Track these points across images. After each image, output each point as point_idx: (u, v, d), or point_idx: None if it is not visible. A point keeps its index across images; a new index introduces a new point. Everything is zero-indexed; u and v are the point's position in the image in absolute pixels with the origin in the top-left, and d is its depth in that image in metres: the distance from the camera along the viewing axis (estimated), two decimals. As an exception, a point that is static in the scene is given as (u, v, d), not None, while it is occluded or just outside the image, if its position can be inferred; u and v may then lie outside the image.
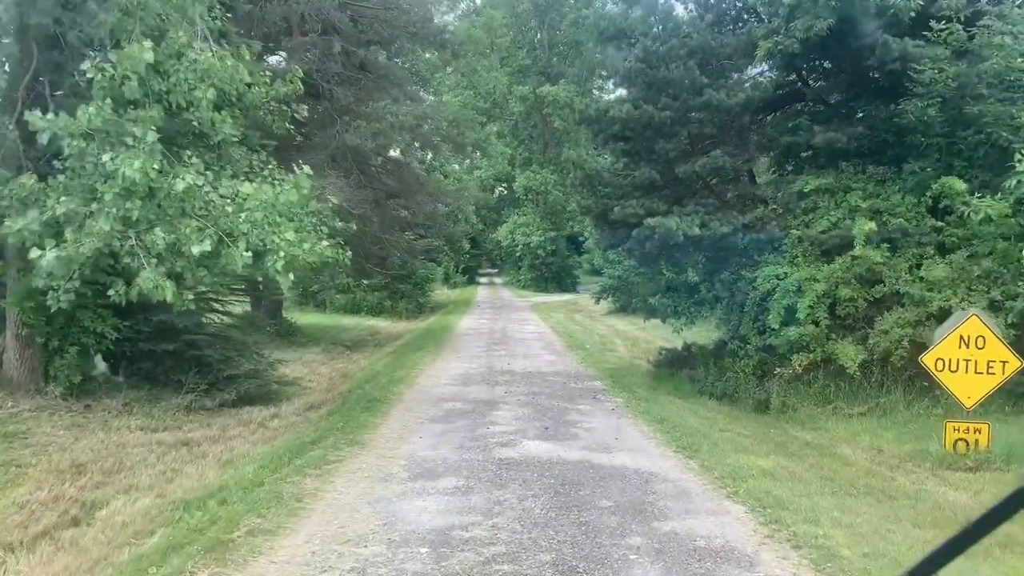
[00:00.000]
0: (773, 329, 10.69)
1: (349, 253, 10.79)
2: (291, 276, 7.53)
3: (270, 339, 18.29)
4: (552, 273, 55.56)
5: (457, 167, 53.26)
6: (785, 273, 10.96)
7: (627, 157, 12.38)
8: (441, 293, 47.64)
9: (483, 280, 71.16)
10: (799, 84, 13.09)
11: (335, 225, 10.57)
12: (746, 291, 11.41)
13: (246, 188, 7.74)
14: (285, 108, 11.43)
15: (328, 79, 17.15)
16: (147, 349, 10.55)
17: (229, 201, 7.72)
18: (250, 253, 7.26)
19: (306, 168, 8.02)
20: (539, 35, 56.31)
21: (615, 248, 14.93)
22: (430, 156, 25.41)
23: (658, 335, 22.34)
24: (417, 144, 18.05)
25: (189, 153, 7.82)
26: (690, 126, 11.92)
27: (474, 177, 59.45)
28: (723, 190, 13.08)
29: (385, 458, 7.83)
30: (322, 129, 18.06)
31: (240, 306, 19.25)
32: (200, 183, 7.39)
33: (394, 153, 29.34)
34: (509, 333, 21.93)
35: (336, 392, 12.48)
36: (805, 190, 11.23)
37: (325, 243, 8.06)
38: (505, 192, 62.82)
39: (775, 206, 11.78)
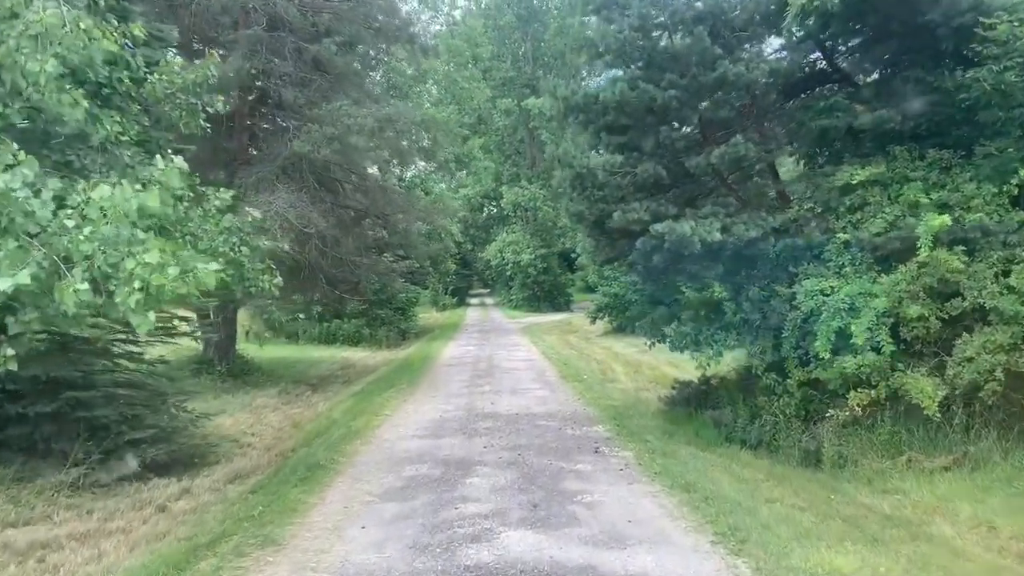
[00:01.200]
0: (821, 359, 8.39)
1: (278, 280, 8.46)
2: (152, 316, 5.17)
3: (220, 380, 15.93)
4: (544, 292, 53.30)
5: (444, 186, 51.20)
6: (832, 287, 8.68)
7: (624, 152, 10.11)
8: (429, 316, 45.33)
9: (474, 301, 68.84)
10: (825, 62, 10.90)
11: (259, 244, 8.27)
12: (782, 311, 9.11)
13: (99, 192, 5.44)
14: (198, 103, 9.12)
15: (277, 79, 14.91)
16: (16, 412, 8.16)
17: (73, 212, 5.43)
18: (86, 285, 4.91)
19: (178, 160, 5.69)
20: (523, 48, 54.43)
21: (613, 262, 12.62)
22: (402, 170, 23.26)
23: (663, 359, 20.00)
24: (384, 152, 15.76)
25: (16, 148, 5.52)
26: (701, 109, 9.68)
27: (460, 195, 57.44)
28: (741, 188, 10.83)
29: (305, 570, 5.48)
30: (274, 137, 15.81)
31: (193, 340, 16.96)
32: (16, 186, 5.09)
33: (372, 171, 27.24)
34: (496, 362, 19.57)
35: (276, 452, 10.11)
36: (852, 183, 8.97)
37: (215, 265, 5.75)
38: (494, 211, 60.76)
39: (812, 204, 9.51)
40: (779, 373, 9.26)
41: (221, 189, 8.29)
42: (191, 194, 7.32)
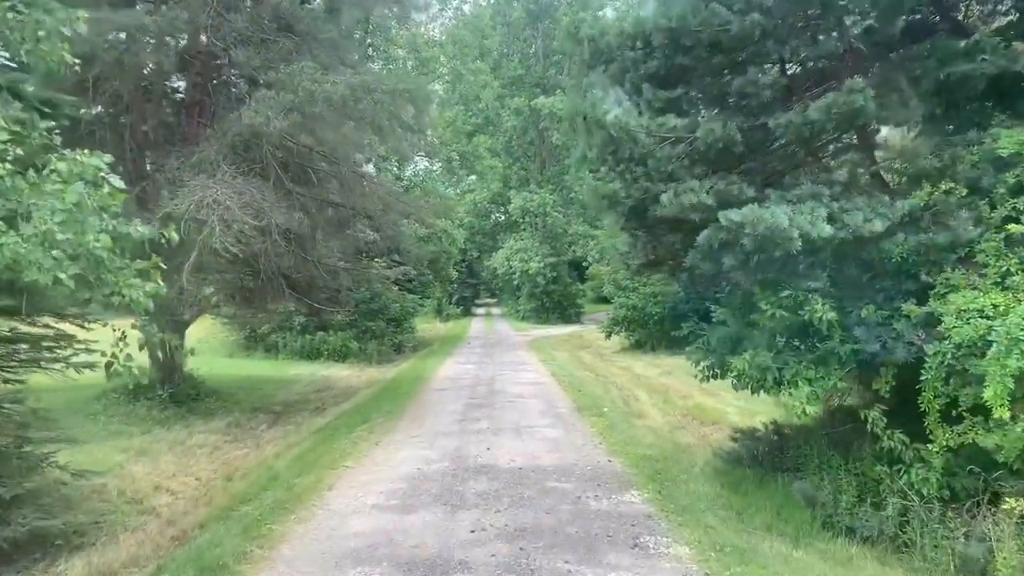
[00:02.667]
0: (992, 419, 5.40)
1: (160, 287, 5.55)
2: None
3: (159, 409, 12.99)
4: (553, 303, 50.36)
5: (450, 190, 48.40)
6: (995, 305, 5.70)
7: (676, 110, 7.17)
8: (430, 328, 42.48)
9: (479, 311, 66.04)
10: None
11: (131, 231, 5.35)
12: (911, 338, 6.13)
13: None
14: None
15: (226, 39, 12.04)
16: None
17: None
18: None
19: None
20: (533, 46, 51.62)
21: (657, 268, 9.57)
22: (400, 167, 20.40)
23: (694, 385, 16.96)
24: (360, 133, 12.79)
25: None
26: (793, 46, 6.72)
27: (466, 200, 54.67)
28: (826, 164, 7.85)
29: None
30: (227, 111, 12.91)
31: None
32: None
33: (368, 166, 24.53)
34: (499, 386, 16.57)
35: (177, 529, 7.15)
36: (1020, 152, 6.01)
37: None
38: (502, 217, 57.94)
39: (951, 185, 6.50)
40: (909, 431, 6.24)
41: (86, 152, 5.49)
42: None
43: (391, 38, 28.68)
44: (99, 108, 12.98)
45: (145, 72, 12.23)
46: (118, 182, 5.38)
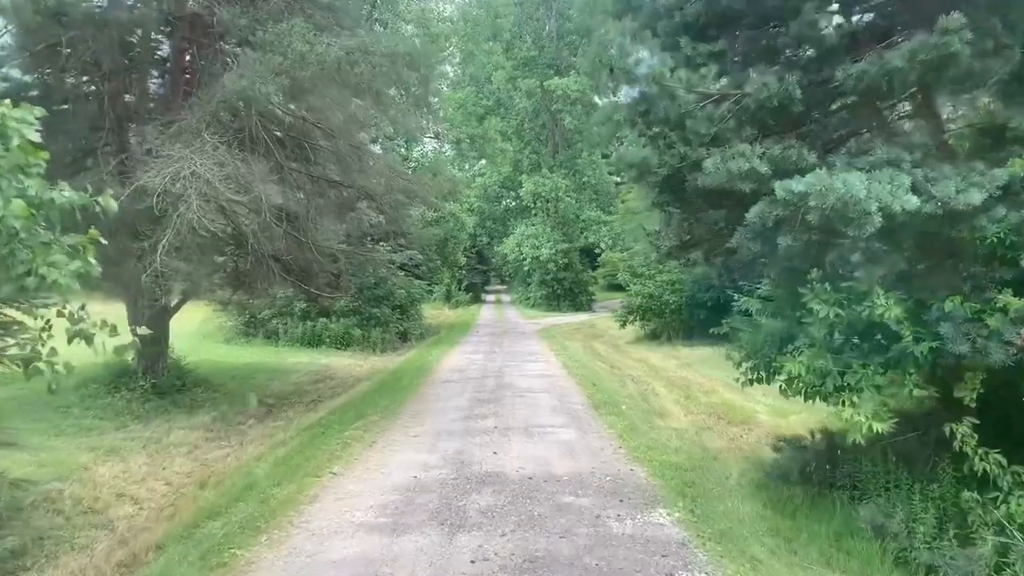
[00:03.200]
0: None
1: (92, 267, 4.51)
2: None
3: (140, 401, 12.02)
4: (564, 290, 49.28)
5: (459, 173, 47.24)
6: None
7: (718, 65, 6.02)
8: (439, 315, 41.48)
9: (489, 298, 65.00)
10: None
11: (54, 197, 4.29)
12: (1011, 338, 5.01)
13: None
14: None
15: (213, -5, 10.95)
16: None
17: None
18: None
19: None
20: (547, 26, 50.19)
21: (692, 250, 8.40)
22: (408, 147, 19.29)
23: (717, 379, 15.90)
24: (359, 101, 11.68)
25: None
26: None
27: (477, 184, 53.51)
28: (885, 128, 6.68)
29: None
30: (212, 77, 11.81)
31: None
32: None
33: (376, 148, 23.53)
34: (508, 378, 15.50)
35: (128, 553, 6.11)
36: None
37: None
38: (512, 203, 56.79)
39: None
40: (1008, 453, 5.13)
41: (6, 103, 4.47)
42: None
43: (399, 12, 27.45)
44: (75, 76, 11.97)
45: (127, 37, 11.17)
46: (33, 135, 4.32)
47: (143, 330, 5.43)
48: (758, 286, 17.62)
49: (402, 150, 29.85)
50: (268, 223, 11.21)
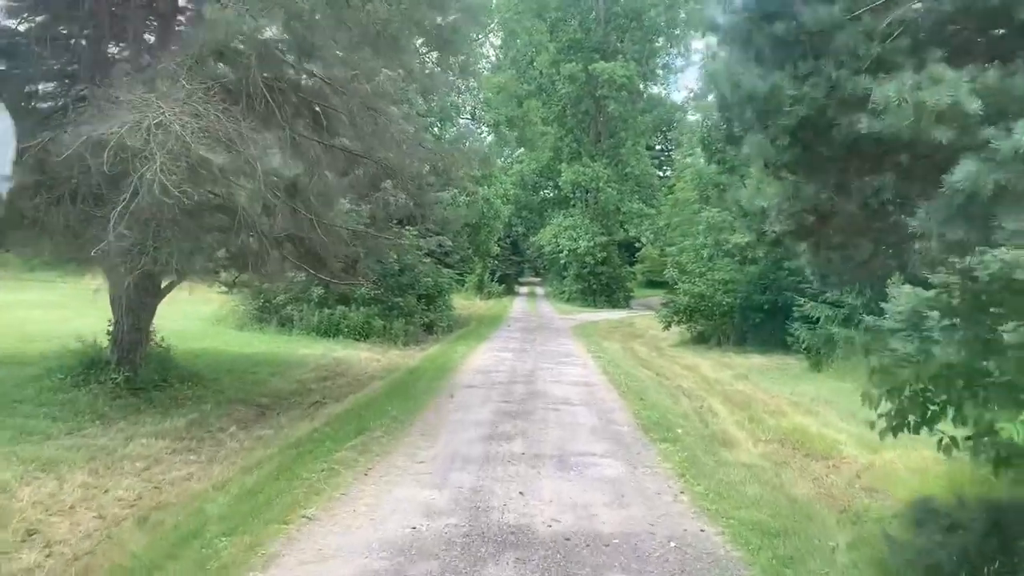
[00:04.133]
0: None
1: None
2: None
3: (111, 397, 10.26)
4: (601, 285, 47.21)
5: (497, 158, 45.23)
6: None
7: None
8: (470, 305, 39.67)
9: (523, 290, 63.13)
10: None
11: None
12: None
13: None
14: None
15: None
16: None
17: None
18: None
19: None
20: (594, 11, 47.84)
21: (815, 239, 6.22)
22: (429, 105, 17.34)
23: (781, 395, 13.77)
24: (367, 51, 9.73)
25: None
26: None
27: (514, 171, 51.52)
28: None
29: None
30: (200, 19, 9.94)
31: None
32: None
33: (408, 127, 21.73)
34: (539, 385, 13.52)
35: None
36: None
37: None
38: (550, 193, 54.69)
39: None
40: None
41: None
42: None
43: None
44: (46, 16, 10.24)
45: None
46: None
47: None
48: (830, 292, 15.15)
49: (435, 129, 27.92)
50: (261, 193, 9.33)
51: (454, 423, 9.94)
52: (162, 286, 12.38)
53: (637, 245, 52.26)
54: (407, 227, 22.56)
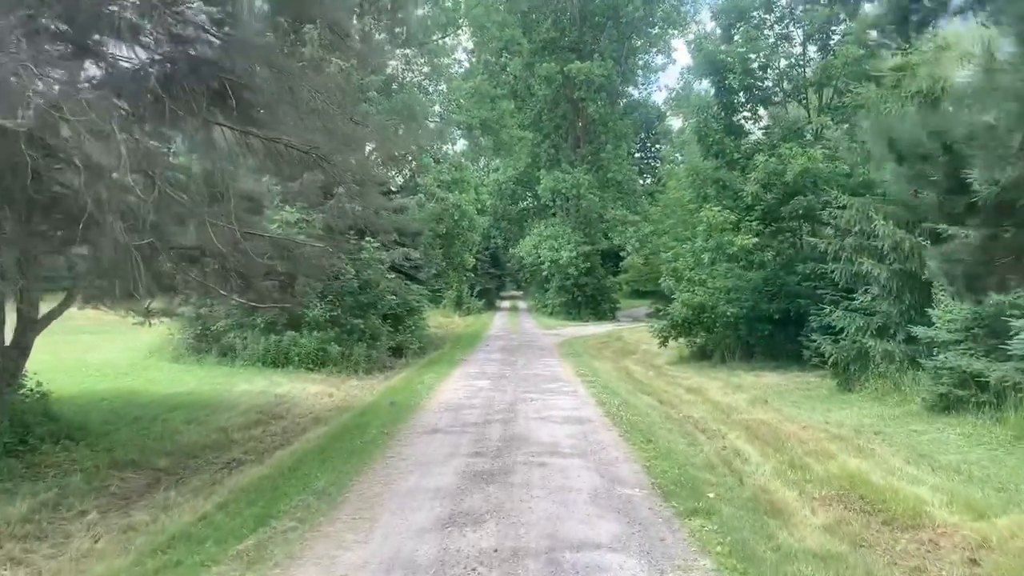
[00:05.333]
0: None
1: None
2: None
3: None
4: (586, 297, 44.73)
5: (470, 164, 42.63)
6: None
7: None
8: (447, 322, 37.09)
9: (504, 305, 60.60)
10: None
11: None
12: None
13: None
14: None
15: None
16: None
17: None
18: None
19: None
20: (569, 11, 45.56)
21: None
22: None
23: (812, 424, 11.24)
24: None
25: None
26: None
27: (490, 181, 49.07)
28: None
29: None
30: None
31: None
32: None
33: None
34: (520, 425, 10.87)
35: None
36: None
37: None
38: (530, 203, 52.24)
39: None
40: None
41: None
42: None
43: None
44: None
45: None
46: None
47: None
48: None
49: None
50: (120, 185, 6.67)
51: (403, 495, 7.25)
52: (38, 316, 9.72)
53: (622, 254, 49.92)
54: (367, 238, 19.98)
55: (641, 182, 53.98)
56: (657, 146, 67.04)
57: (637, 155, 62.20)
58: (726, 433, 10.88)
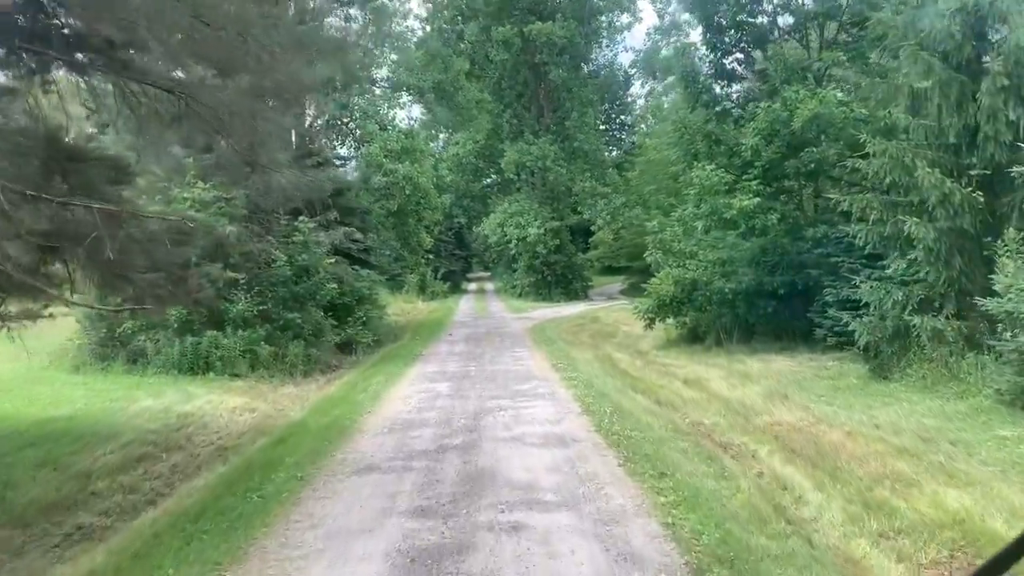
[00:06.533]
0: None
1: None
2: None
3: None
4: (556, 276, 42.03)
5: (422, 134, 39.49)
6: None
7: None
8: (410, 308, 34.20)
9: (471, 287, 57.82)
10: None
11: None
12: None
13: None
14: None
15: None
16: None
17: None
18: None
19: None
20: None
21: None
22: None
23: (854, 425, 8.71)
24: None
25: None
26: None
27: (450, 155, 46.12)
28: None
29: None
30: None
31: None
32: None
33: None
34: (485, 454, 8.13)
35: None
36: None
37: None
38: (494, 179, 49.38)
39: None
40: None
41: None
42: None
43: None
44: None
45: None
46: None
47: None
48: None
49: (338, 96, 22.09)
50: None
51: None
52: None
53: (593, 229, 47.36)
54: (300, 217, 17.07)
55: (607, 154, 51.41)
56: (622, 117, 64.39)
57: (602, 127, 59.43)
58: (755, 450, 8.32)
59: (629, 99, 61.87)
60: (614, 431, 8.74)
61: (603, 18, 44.42)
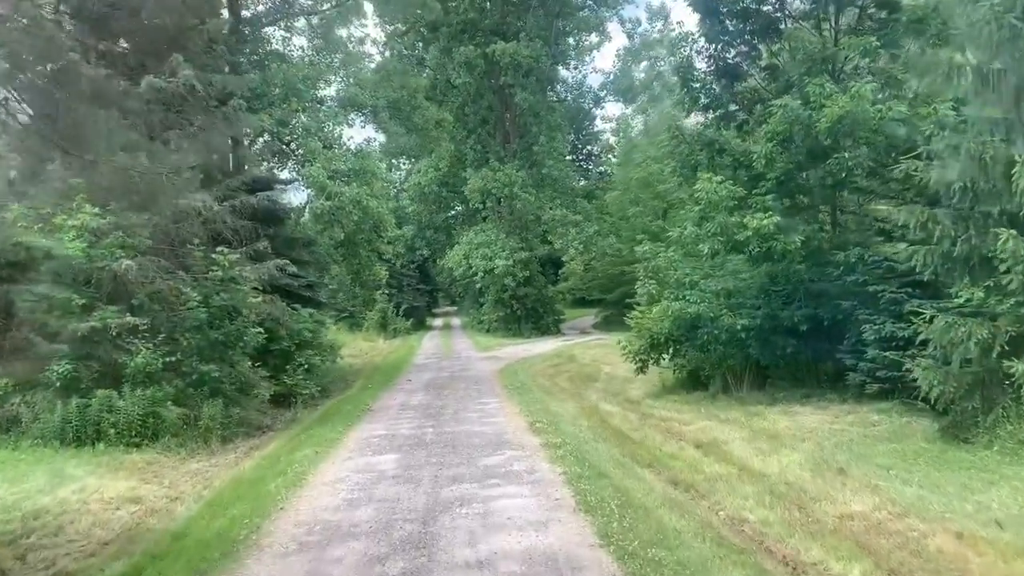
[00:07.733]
0: None
1: None
2: None
3: None
4: (526, 310, 39.35)
5: (381, 163, 36.83)
6: None
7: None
8: (370, 349, 31.30)
9: (437, 323, 54.91)
10: None
11: None
12: None
13: None
14: None
15: None
16: None
17: None
18: None
19: None
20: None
21: None
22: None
23: (974, 523, 6.01)
24: None
25: None
26: None
27: (411, 184, 43.46)
28: None
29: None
30: None
31: None
32: None
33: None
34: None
35: None
36: None
37: None
38: (459, 209, 46.80)
39: None
40: None
41: None
42: None
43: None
44: None
45: None
46: None
47: None
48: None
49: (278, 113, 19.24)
50: None
51: None
52: None
53: (564, 259, 44.83)
54: (220, 248, 14.15)
55: (576, 184, 49.21)
56: (588, 147, 62.49)
57: (569, 157, 57.41)
58: (841, 573, 5.56)
59: (595, 129, 59.96)
60: (631, 548, 5.93)
61: (571, 39, 42.40)
